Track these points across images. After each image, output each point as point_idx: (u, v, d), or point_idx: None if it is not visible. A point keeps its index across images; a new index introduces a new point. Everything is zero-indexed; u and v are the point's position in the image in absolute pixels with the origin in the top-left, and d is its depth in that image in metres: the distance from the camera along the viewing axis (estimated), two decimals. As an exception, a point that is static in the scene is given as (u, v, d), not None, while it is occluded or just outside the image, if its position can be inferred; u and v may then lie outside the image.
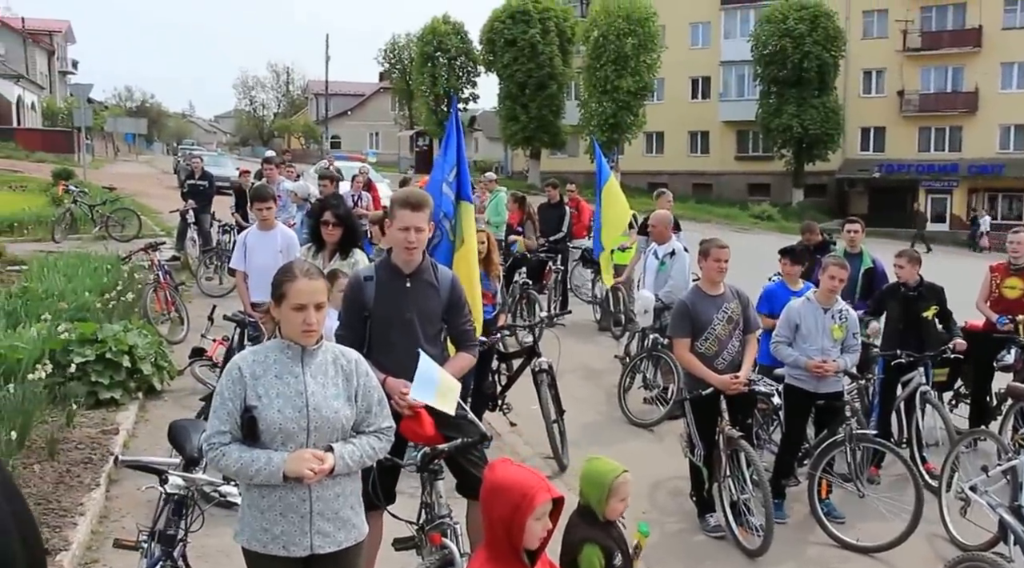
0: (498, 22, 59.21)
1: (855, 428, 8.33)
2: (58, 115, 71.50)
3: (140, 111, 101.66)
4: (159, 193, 37.23)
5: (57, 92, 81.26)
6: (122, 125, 50.66)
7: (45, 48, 79.57)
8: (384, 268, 5.91)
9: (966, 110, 56.36)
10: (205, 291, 17.68)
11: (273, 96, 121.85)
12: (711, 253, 8.14)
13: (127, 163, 63.47)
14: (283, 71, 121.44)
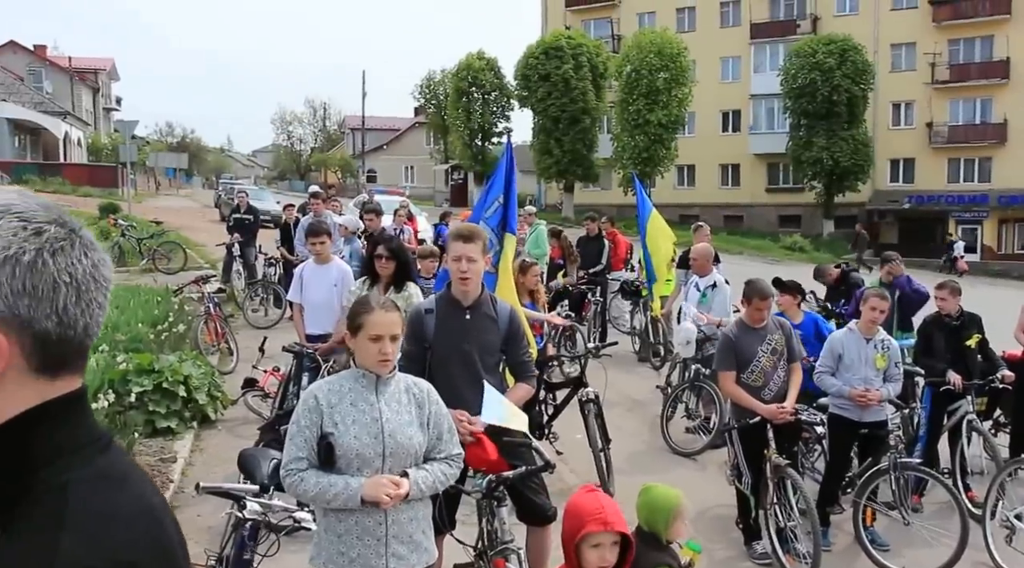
0: (532, 58, 59.62)
1: (899, 456, 8.50)
2: (102, 151, 72.49)
3: (180, 146, 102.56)
4: (202, 226, 37.67)
5: (101, 128, 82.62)
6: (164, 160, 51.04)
7: (90, 86, 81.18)
8: (444, 301, 6.15)
9: (995, 141, 56.26)
10: (251, 323, 17.96)
11: (310, 131, 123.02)
12: (752, 303, 8.37)
13: (168, 197, 64.19)
14: (320, 106, 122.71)
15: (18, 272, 1.40)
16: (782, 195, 62.15)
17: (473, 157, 67.74)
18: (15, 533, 1.36)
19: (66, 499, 1.40)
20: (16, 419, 1.43)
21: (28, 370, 1.44)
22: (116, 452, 1.55)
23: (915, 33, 58.47)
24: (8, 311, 1.40)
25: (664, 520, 4.96)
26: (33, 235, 1.43)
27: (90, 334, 1.50)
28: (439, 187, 79.79)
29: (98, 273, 1.51)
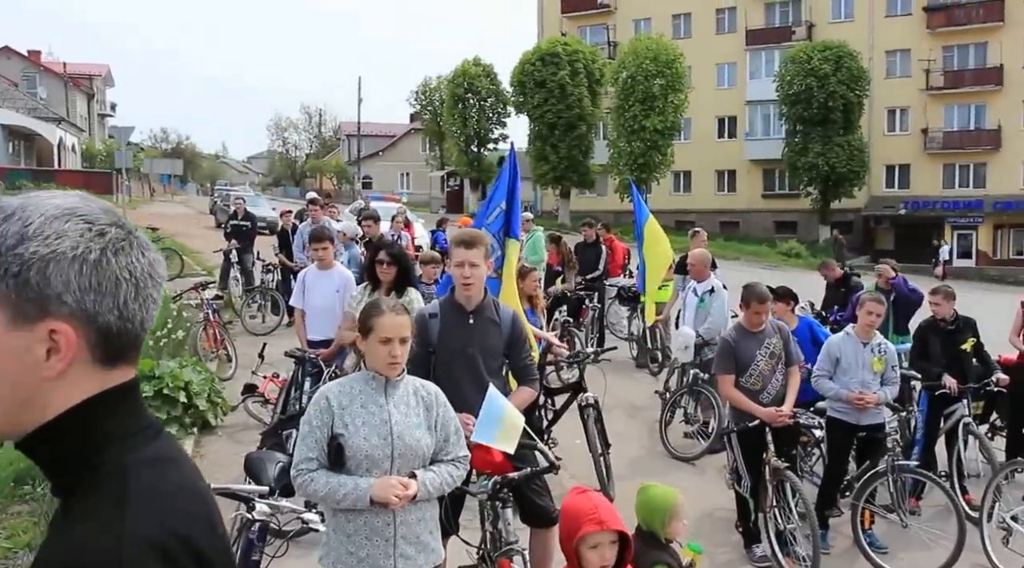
0: (528, 64, 59.71)
1: (897, 459, 8.58)
2: (97, 157, 72.38)
3: (175, 152, 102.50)
4: (197, 233, 37.74)
5: (96, 134, 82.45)
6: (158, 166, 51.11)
7: (85, 91, 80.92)
8: (448, 305, 6.23)
9: (989, 147, 56.54)
10: (249, 330, 17.99)
11: (305, 137, 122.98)
12: (751, 306, 8.47)
13: (163, 204, 64.13)
14: (316, 113, 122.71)
15: (85, 270, 1.51)
16: (778, 201, 62.30)
17: (469, 163, 67.85)
18: (81, 509, 1.49)
19: (127, 479, 1.52)
20: (80, 406, 1.54)
21: (91, 361, 1.55)
22: (165, 438, 1.67)
23: (910, 40, 58.65)
24: (76, 306, 1.51)
25: (661, 519, 5.03)
26: (97, 236, 1.54)
27: (145, 328, 1.61)
28: (435, 193, 79.82)
29: (153, 271, 1.62)
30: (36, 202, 1.56)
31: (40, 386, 1.52)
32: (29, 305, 1.50)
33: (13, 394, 1.52)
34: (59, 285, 1.50)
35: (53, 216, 1.53)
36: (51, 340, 1.51)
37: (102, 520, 1.46)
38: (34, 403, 1.54)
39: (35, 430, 1.55)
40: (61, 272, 1.51)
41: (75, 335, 1.52)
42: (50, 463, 1.60)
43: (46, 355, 1.51)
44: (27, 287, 1.49)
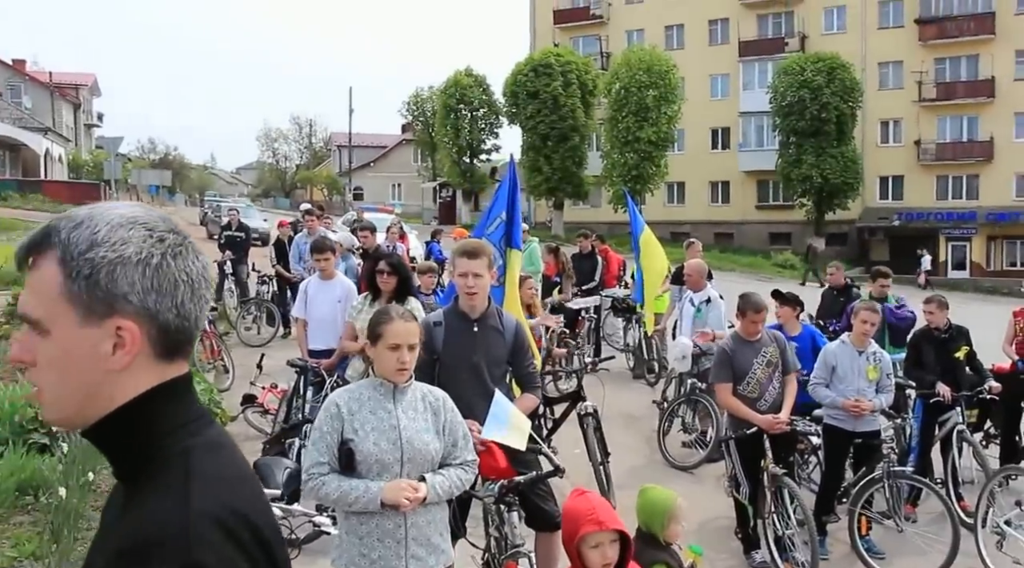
0: (521, 75, 59.81)
1: (892, 465, 8.68)
2: (83, 167, 72.08)
3: (163, 163, 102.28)
4: (188, 244, 37.65)
5: (82, 144, 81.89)
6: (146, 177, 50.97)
7: (71, 101, 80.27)
8: (452, 314, 6.33)
9: (982, 159, 56.86)
10: (244, 341, 18.05)
11: (296, 148, 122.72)
12: (747, 316, 8.58)
13: (153, 215, 63.93)
14: (306, 123, 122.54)
15: (147, 272, 1.67)
16: (772, 212, 62.50)
17: (461, 174, 67.84)
18: (150, 490, 1.64)
19: (189, 462, 1.67)
20: (142, 396, 1.70)
21: (152, 355, 1.70)
22: (216, 426, 1.82)
23: (902, 52, 58.98)
24: (140, 305, 1.67)
25: (661, 521, 5.14)
26: (158, 241, 1.70)
27: (198, 326, 1.77)
28: (427, 205, 79.72)
29: (206, 273, 1.78)
30: (102, 212, 1.71)
31: (107, 378, 1.68)
32: (98, 304, 1.65)
33: (83, 386, 1.68)
34: (125, 286, 1.66)
35: (118, 224, 1.69)
36: (117, 336, 1.66)
37: (170, 499, 1.60)
38: (101, 394, 1.69)
39: (102, 419, 1.70)
40: (127, 274, 1.66)
41: (139, 331, 1.67)
42: (115, 449, 1.74)
43: (112, 350, 1.67)
44: (97, 288, 1.65)
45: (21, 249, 1.73)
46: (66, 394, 1.70)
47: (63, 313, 1.66)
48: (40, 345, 1.69)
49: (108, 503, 1.86)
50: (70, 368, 1.68)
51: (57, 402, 1.72)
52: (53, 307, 1.66)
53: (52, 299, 1.66)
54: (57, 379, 1.69)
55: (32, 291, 1.70)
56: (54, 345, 1.67)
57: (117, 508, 1.74)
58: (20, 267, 1.74)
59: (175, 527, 1.56)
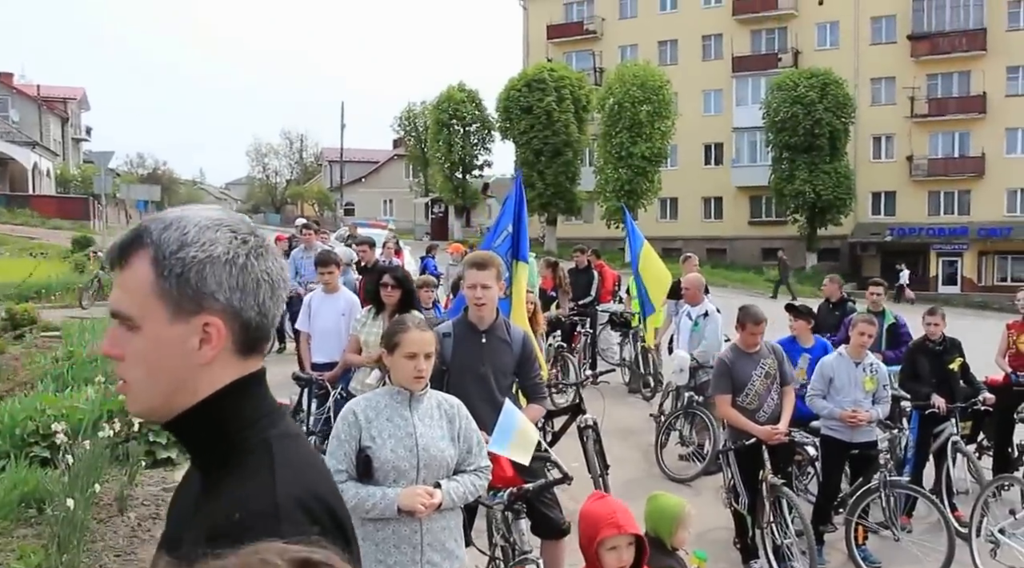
0: (514, 90, 59.86)
1: (889, 476, 8.78)
2: (71, 182, 71.76)
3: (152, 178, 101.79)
4: (179, 261, 37.67)
5: (70, 159, 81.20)
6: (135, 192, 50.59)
7: (59, 115, 79.46)
8: (461, 325, 6.44)
9: (974, 174, 57.09)
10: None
11: (286, 163, 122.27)
12: (747, 328, 8.68)
13: (140, 231, 63.67)
14: (297, 138, 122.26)
15: (233, 272, 1.79)
16: (765, 228, 62.59)
17: (454, 190, 67.77)
18: (238, 475, 1.75)
19: (271, 451, 1.78)
20: (225, 389, 1.81)
21: (234, 351, 1.82)
22: (288, 418, 1.94)
23: (894, 67, 59.22)
24: (226, 303, 1.78)
25: (668, 527, 5.24)
26: (242, 243, 1.81)
27: (274, 324, 1.89)
28: (418, 220, 79.54)
29: (284, 274, 1.89)
30: (189, 214, 1.83)
31: (192, 372, 1.79)
32: (187, 302, 1.77)
33: (170, 379, 1.79)
34: (213, 284, 1.77)
35: (205, 226, 1.80)
36: (204, 332, 1.78)
37: (258, 484, 1.71)
38: (186, 387, 1.80)
39: (186, 411, 1.81)
40: (215, 273, 1.77)
41: (224, 328, 1.78)
42: (197, 440, 1.86)
43: (199, 345, 1.78)
44: (187, 286, 1.76)
45: (114, 249, 1.83)
46: (153, 387, 1.80)
47: (154, 309, 1.77)
48: (130, 340, 1.79)
49: (179, 492, 1.99)
50: (158, 362, 1.78)
51: (143, 394, 1.82)
52: (145, 304, 1.77)
53: (144, 296, 1.77)
54: (145, 372, 1.79)
55: (124, 289, 1.80)
56: (144, 340, 1.78)
57: (194, 495, 1.85)
58: (112, 267, 1.84)
59: (265, 509, 1.66)
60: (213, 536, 1.59)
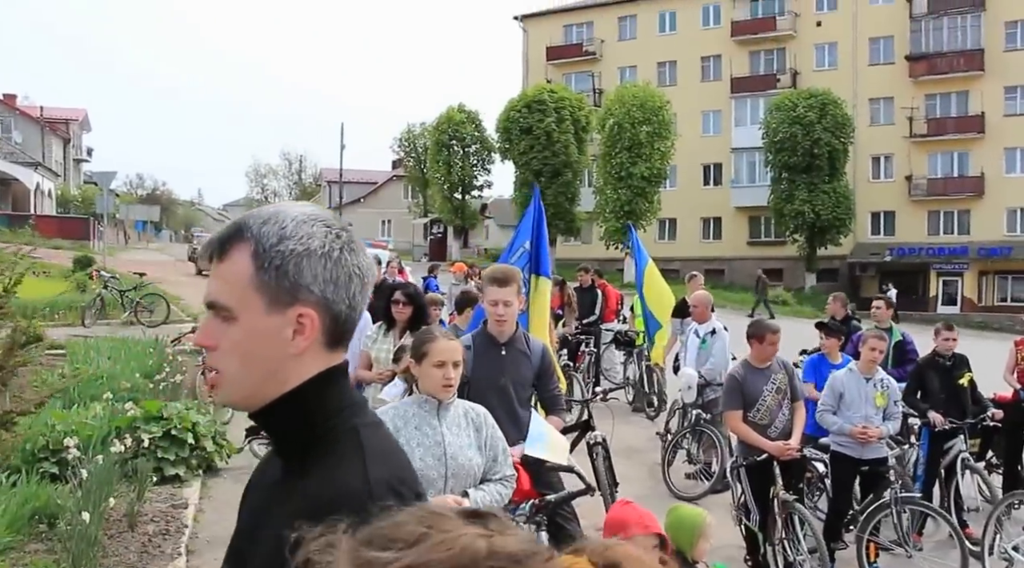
0: (514, 111, 60.11)
1: (899, 492, 8.74)
2: (71, 202, 71.99)
3: (151, 199, 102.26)
4: (179, 280, 37.97)
5: (71, 179, 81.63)
6: (135, 212, 50.76)
7: (61, 136, 79.96)
8: (480, 338, 6.45)
9: (973, 194, 57.21)
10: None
11: (285, 184, 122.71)
12: (766, 338, 8.65)
13: (140, 251, 63.82)
14: (296, 159, 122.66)
15: (328, 265, 1.83)
16: (764, 248, 62.66)
17: (453, 211, 67.87)
18: (327, 462, 1.80)
19: (359, 438, 1.83)
20: (314, 380, 1.86)
21: (323, 343, 1.86)
22: (368, 408, 1.98)
23: (893, 88, 59.51)
24: (320, 295, 1.83)
25: (689, 539, 5.24)
26: (335, 237, 1.86)
27: (359, 318, 1.93)
28: (417, 241, 79.49)
29: (372, 270, 1.95)
30: (285, 209, 1.89)
31: (284, 362, 1.84)
32: (284, 294, 1.81)
33: (263, 368, 1.84)
34: (309, 277, 1.82)
35: (302, 220, 1.85)
36: (298, 323, 1.82)
37: (349, 468, 1.76)
38: (277, 377, 1.84)
39: (276, 400, 1.85)
40: (311, 266, 1.82)
41: (317, 319, 1.83)
42: (285, 428, 1.88)
43: (292, 336, 1.82)
44: (285, 278, 1.81)
45: (214, 242, 1.88)
46: (246, 376, 1.84)
47: (252, 301, 1.82)
48: (225, 331, 1.84)
49: (252, 487, 2.06)
50: (253, 352, 1.83)
51: (236, 383, 1.86)
52: (243, 295, 1.82)
53: (243, 288, 1.82)
54: (239, 362, 1.84)
55: (223, 280, 1.85)
56: (241, 330, 1.83)
57: (270, 486, 1.90)
58: (210, 260, 1.88)
59: (358, 492, 1.69)
60: (306, 519, 1.63)
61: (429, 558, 0.96)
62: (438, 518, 1.03)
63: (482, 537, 0.98)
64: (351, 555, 1.04)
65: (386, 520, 1.07)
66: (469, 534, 0.99)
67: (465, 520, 1.02)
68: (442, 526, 1.00)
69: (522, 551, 0.98)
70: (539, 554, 0.99)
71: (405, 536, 1.00)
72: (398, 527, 1.03)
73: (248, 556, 1.86)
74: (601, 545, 1.04)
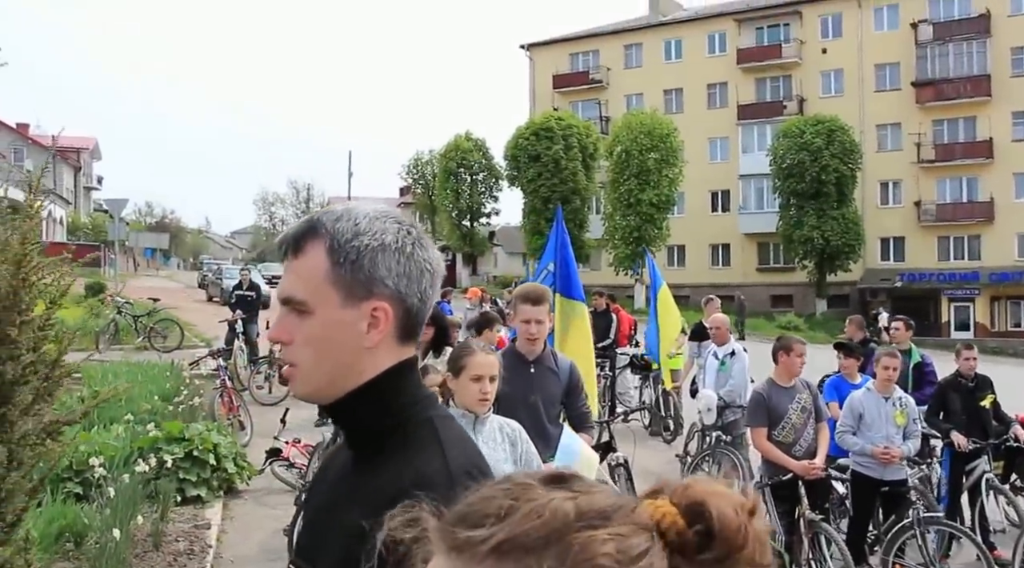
0: (522, 138, 60.41)
1: (922, 512, 8.66)
2: (81, 229, 72.31)
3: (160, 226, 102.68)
4: (190, 306, 38.33)
5: (81, 207, 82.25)
6: (144, 240, 51.15)
7: (72, 165, 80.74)
8: (509, 356, 6.45)
9: (983, 219, 57.07)
10: (257, 399, 18.07)
11: (293, 212, 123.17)
12: (794, 349, 8.64)
13: (149, 278, 64.14)
14: (304, 187, 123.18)
15: (401, 260, 1.86)
16: (773, 275, 62.64)
17: (461, 238, 68.13)
18: (403, 452, 1.81)
19: (435, 428, 1.85)
20: (388, 372, 1.89)
21: (395, 337, 1.89)
22: (438, 400, 2.02)
23: (900, 114, 59.55)
24: (394, 288, 1.86)
25: None
26: (407, 233, 1.90)
27: (429, 313, 1.95)
28: (425, 267, 79.68)
29: (441, 266, 1.96)
30: (357, 206, 1.94)
31: (359, 355, 1.86)
32: (359, 288, 1.84)
33: (338, 361, 1.87)
34: (383, 271, 1.85)
35: (374, 217, 1.89)
36: (372, 317, 1.85)
37: (429, 455, 1.78)
38: (352, 369, 1.87)
39: (351, 392, 1.88)
40: (385, 260, 1.85)
41: (391, 313, 1.86)
42: (360, 420, 1.91)
43: (367, 329, 1.85)
44: (360, 272, 1.84)
45: (289, 238, 1.91)
46: (321, 368, 1.87)
47: (327, 295, 1.84)
48: (300, 325, 1.86)
49: (326, 474, 2.08)
50: (328, 345, 1.85)
51: (312, 376, 1.88)
52: (318, 289, 1.84)
53: (318, 282, 1.84)
54: (314, 355, 1.86)
55: (298, 276, 1.87)
56: (316, 324, 1.85)
57: (336, 482, 1.94)
58: (285, 256, 1.91)
59: (440, 478, 1.71)
60: (385, 506, 1.63)
61: (522, 529, 0.96)
62: (523, 488, 1.03)
63: (569, 499, 0.98)
64: (445, 536, 1.04)
65: (472, 496, 1.08)
66: (556, 498, 0.98)
67: (549, 485, 1.02)
68: (528, 495, 1.00)
69: (609, 506, 0.98)
70: (626, 506, 0.99)
71: (495, 511, 0.99)
72: (486, 502, 1.03)
73: (319, 548, 1.87)
74: (681, 485, 1.04)
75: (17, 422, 4.76)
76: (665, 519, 0.99)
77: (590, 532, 0.95)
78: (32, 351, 4.86)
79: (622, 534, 0.96)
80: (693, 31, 67.79)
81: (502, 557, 0.96)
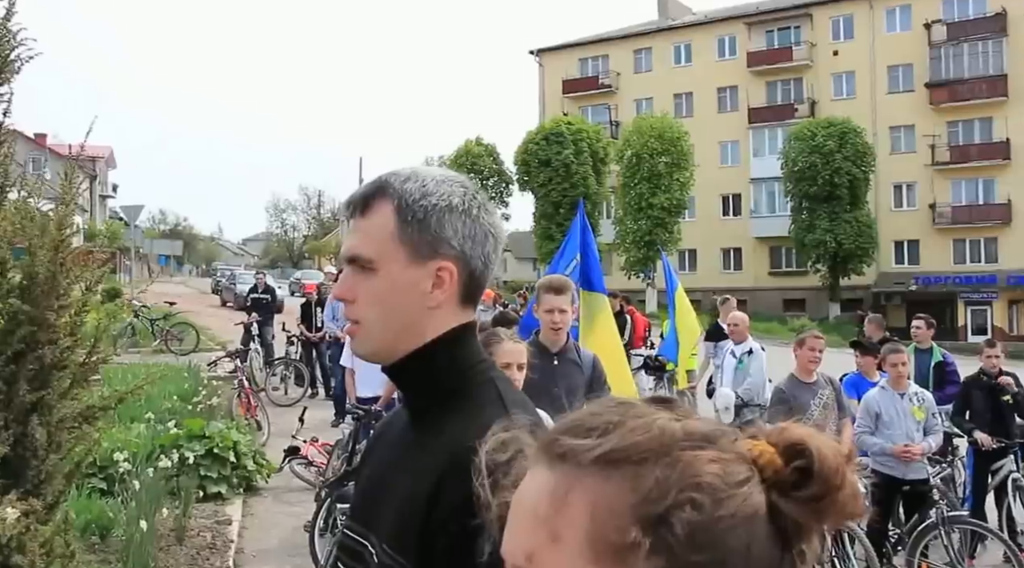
0: (532, 143, 60.53)
1: (946, 511, 8.58)
2: (97, 237, 72.61)
3: (174, 233, 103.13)
4: (205, 311, 38.61)
5: (97, 215, 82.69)
6: (158, 247, 51.41)
7: (88, 173, 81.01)
8: (533, 347, 6.43)
9: (1000, 222, 56.53)
10: (273, 401, 18.11)
11: (303, 218, 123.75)
12: (806, 342, 8.62)
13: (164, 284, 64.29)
14: (314, 194, 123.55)
15: (467, 221, 1.88)
16: (786, 279, 62.50)
17: (470, 241, 68.11)
18: (466, 411, 1.82)
19: (497, 387, 1.88)
20: (450, 333, 1.89)
21: (458, 298, 1.90)
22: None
23: (913, 115, 59.22)
24: (460, 249, 1.87)
25: None
26: (472, 197, 1.92)
27: (490, 278, 1.97)
28: (434, 272, 79.90)
29: (503, 233, 1.99)
30: (423, 170, 1.95)
31: (422, 315, 1.88)
32: (425, 247, 1.86)
33: (402, 320, 1.88)
34: (449, 231, 1.86)
35: (441, 180, 1.91)
36: (436, 277, 1.86)
37: (493, 413, 1.73)
38: (415, 329, 1.88)
39: (413, 352, 1.89)
40: (452, 221, 1.87)
41: (456, 273, 1.87)
42: (422, 380, 1.92)
43: (431, 289, 1.87)
44: (427, 231, 1.85)
45: (357, 198, 1.93)
46: (384, 326, 1.89)
47: (393, 253, 1.86)
48: (365, 283, 1.88)
49: (383, 436, 2.12)
50: (393, 303, 1.87)
51: (374, 334, 1.91)
52: (385, 247, 1.86)
53: (385, 240, 1.86)
54: (379, 313, 1.88)
55: (365, 234, 1.89)
56: (382, 281, 1.87)
57: (394, 444, 1.96)
58: (352, 215, 1.93)
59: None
60: (449, 465, 1.66)
61: (630, 441, 0.98)
62: (629, 406, 1.05)
63: (675, 420, 1.01)
64: (548, 447, 1.06)
65: (577, 413, 1.09)
66: (663, 417, 1.01)
67: (655, 406, 1.05)
68: (635, 413, 1.03)
69: (712, 432, 1.01)
70: (728, 434, 1.02)
71: (601, 424, 1.02)
72: (592, 417, 1.05)
73: (376, 510, 1.87)
74: (776, 428, 1.06)
75: (56, 406, 4.79)
76: (763, 456, 1.00)
77: (696, 451, 0.98)
78: (70, 335, 4.89)
79: (726, 459, 0.98)
80: (703, 35, 67.78)
81: (606, 466, 0.98)
